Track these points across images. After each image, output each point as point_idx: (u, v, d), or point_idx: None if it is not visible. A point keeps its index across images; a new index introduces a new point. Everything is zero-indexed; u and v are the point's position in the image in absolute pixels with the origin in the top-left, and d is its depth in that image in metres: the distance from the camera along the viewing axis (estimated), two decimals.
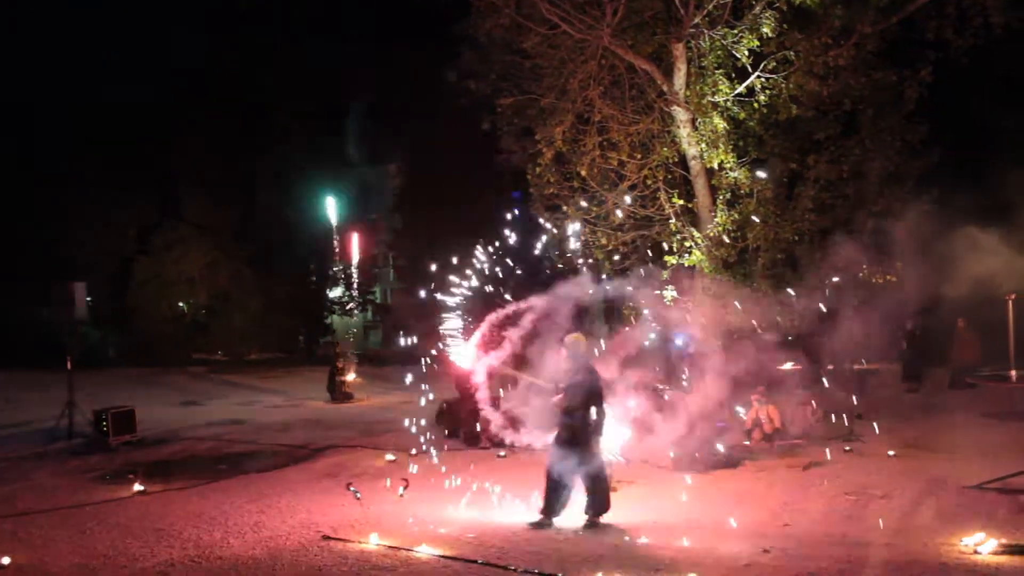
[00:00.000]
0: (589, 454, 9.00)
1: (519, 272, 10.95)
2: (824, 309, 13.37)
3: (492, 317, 9.94)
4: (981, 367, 17.78)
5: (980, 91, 19.99)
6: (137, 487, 11.09)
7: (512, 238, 11.21)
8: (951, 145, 16.86)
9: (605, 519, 9.04)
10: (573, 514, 9.09)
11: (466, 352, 9.91)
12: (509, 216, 12.76)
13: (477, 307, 10.08)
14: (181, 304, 36.69)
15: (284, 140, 34.94)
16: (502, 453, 12.70)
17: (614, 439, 9.97)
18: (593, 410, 8.99)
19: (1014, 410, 10.52)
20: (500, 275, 10.52)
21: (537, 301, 9.97)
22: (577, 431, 8.98)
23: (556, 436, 9.14)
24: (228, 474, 12.20)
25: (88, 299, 16.33)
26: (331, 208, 39.51)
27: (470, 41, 16.18)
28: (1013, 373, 10.47)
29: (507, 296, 10.14)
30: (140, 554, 8.18)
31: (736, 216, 14.81)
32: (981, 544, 7.66)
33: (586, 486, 9.09)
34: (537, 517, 9.10)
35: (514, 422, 10.78)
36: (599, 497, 9.07)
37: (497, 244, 10.71)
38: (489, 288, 10.29)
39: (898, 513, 9.20)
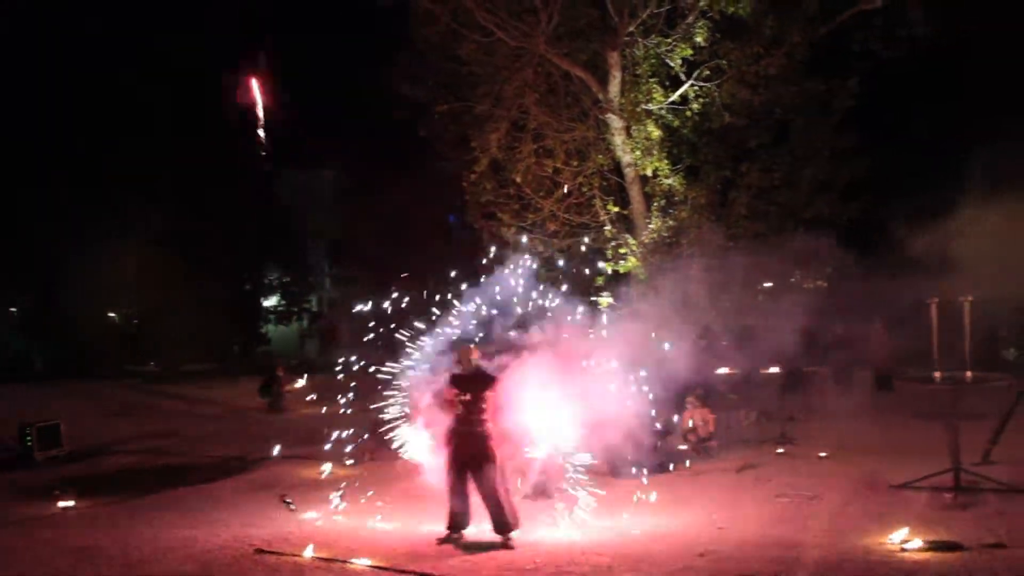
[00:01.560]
0: (486, 465, 8.44)
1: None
2: (757, 314, 13.60)
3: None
4: (892, 368, 18.20)
5: (910, 101, 20.58)
6: (63, 503, 10.74)
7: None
8: (881, 153, 17.31)
9: (520, 536, 8.52)
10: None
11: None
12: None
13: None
14: (112, 314, 35.75)
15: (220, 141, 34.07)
16: None
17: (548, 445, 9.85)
18: (491, 418, 8.51)
19: (939, 411, 10.83)
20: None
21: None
22: (475, 440, 8.44)
23: (447, 445, 8.57)
24: (159, 488, 11.87)
25: (12, 309, 15.79)
26: None
27: (408, 45, 16.12)
28: (937, 374, 10.72)
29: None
30: (66, 573, 7.93)
31: (671, 222, 14.99)
32: (907, 541, 7.84)
33: (485, 503, 8.50)
34: (444, 532, 8.69)
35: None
36: (503, 513, 8.43)
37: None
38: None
39: (829, 513, 9.36)
